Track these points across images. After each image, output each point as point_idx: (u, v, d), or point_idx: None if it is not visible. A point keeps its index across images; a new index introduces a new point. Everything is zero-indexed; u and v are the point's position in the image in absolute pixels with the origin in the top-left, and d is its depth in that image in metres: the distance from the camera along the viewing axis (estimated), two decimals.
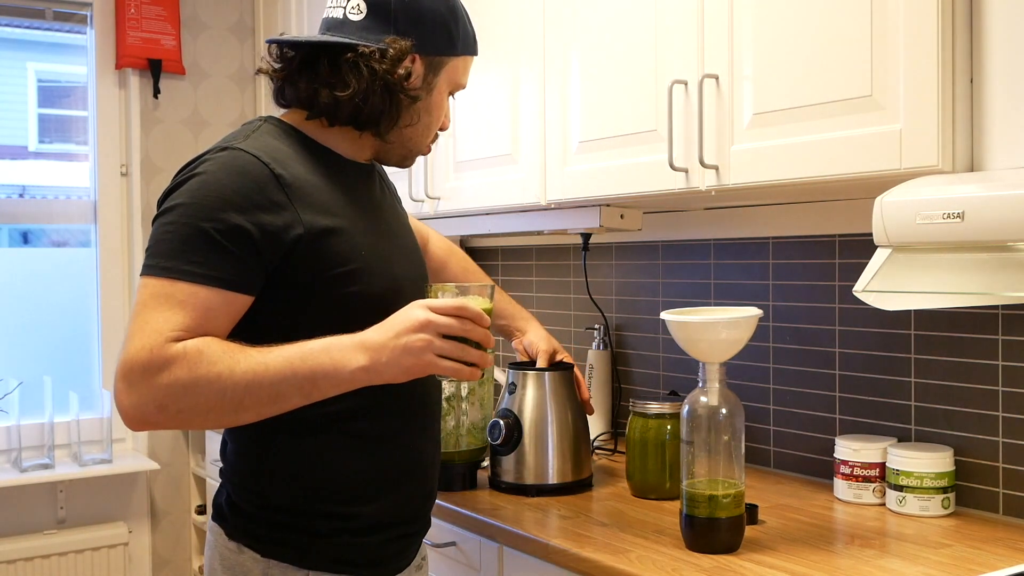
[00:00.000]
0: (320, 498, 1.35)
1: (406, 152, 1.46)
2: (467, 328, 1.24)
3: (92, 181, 3.08)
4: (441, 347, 1.22)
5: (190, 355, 1.17)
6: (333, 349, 1.21)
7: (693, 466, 1.54)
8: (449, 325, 1.22)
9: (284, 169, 1.29)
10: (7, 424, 2.88)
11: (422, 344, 1.21)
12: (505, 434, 1.94)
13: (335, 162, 1.40)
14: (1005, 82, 1.35)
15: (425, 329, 1.21)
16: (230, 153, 1.28)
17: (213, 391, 1.18)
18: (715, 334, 1.52)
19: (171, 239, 1.22)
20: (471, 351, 1.25)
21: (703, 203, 2.17)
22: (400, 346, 1.21)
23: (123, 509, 3.06)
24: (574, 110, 2.00)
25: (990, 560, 1.48)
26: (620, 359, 2.49)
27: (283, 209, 1.26)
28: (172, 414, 1.18)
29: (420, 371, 1.23)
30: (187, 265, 1.21)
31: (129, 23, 2.99)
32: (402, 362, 1.21)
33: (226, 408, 1.19)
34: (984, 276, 1.43)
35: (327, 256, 1.29)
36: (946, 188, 1.31)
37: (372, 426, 1.37)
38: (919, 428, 1.85)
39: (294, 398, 1.21)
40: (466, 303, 1.25)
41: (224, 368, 1.18)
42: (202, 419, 1.20)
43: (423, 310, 1.23)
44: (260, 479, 1.36)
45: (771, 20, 1.60)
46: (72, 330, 3.08)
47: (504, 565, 1.77)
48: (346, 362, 1.21)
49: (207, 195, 1.23)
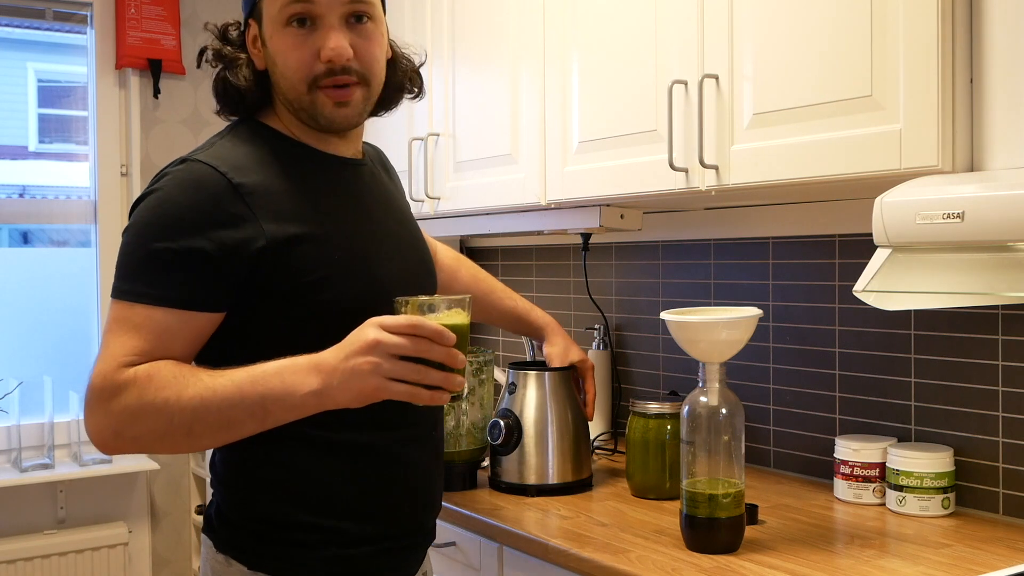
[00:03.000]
0: (305, 509, 1.31)
1: (299, 107, 1.31)
2: (422, 348, 1.13)
3: (92, 181, 3.08)
4: (391, 369, 1.13)
5: (139, 381, 1.15)
6: (286, 372, 1.16)
7: (693, 466, 1.54)
8: (398, 345, 1.13)
9: (245, 177, 1.24)
10: (7, 424, 2.88)
11: (369, 367, 1.13)
12: (505, 434, 1.94)
13: (313, 159, 1.35)
14: (1005, 82, 1.35)
15: (373, 351, 1.13)
16: (187, 167, 1.24)
17: (161, 418, 1.15)
18: (715, 334, 1.52)
19: (129, 261, 1.21)
20: (431, 373, 1.14)
21: (703, 203, 2.17)
22: (348, 369, 1.14)
23: (123, 509, 3.06)
24: (574, 110, 2.00)
25: (990, 560, 1.48)
26: (620, 359, 2.49)
27: (243, 221, 1.22)
28: (128, 440, 1.16)
29: (371, 395, 1.15)
30: (143, 287, 1.19)
31: (129, 23, 2.99)
32: (352, 386, 1.14)
33: (177, 435, 1.16)
34: (984, 276, 1.43)
35: (295, 265, 1.24)
36: (946, 188, 1.31)
37: (358, 436, 1.32)
38: (919, 428, 1.85)
39: (247, 424, 1.17)
40: (420, 321, 1.14)
41: (172, 394, 1.15)
42: (159, 445, 1.18)
43: (374, 329, 1.14)
44: (246, 489, 1.32)
45: (771, 20, 1.60)
46: (72, 330, 3.08)
47: (504, 565, 1.77)
48: (297, 386, 1.15)
49: (161, 215, 1.21)
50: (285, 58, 1.29)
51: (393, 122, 2.49)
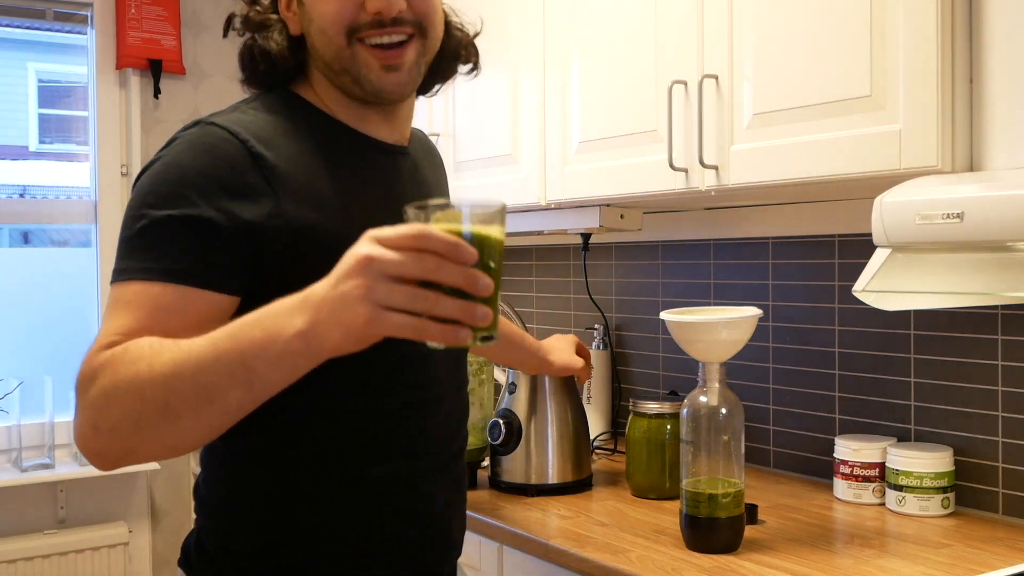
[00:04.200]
0: (295, 546, 1.12)
1: (339, 68, 1.13)
2: (427, 266, 0.81)
3: (92, 181, 3.08)
4: (387, 294, 0.82)
5: (116, 358, 0.94)
6: (268, 316, 0.89)
7: (693, 466, 1.54)
8: (395, 262, 0.82)
9: (267, 149, 1.07)
10: (7, 424, 2.88)
11: (359, 291, 0.83)
12: (505, 434, 1.94)
13: (348, 140, 1.17)
14: (1005, 82, 1.35)
15: (364, 271, 0.83)
16: (201, 129, 1.07)
17: (133, 397, 0.91)
18: (715, 334, 1.52)
19: (127, 236, 1.03)
20: (439, 301, 0.82)
21: (703, 203, 2.17)
22: (337, 297, 0.84)
23: (123, 509, 3.06)
24: (574, 110, 2.00)
25: (990, 560, 1.48)
26: (620, 359, 2.49)
27: (260, 195, 1.05)
28: (106, 434, 0.93)
29: (363, 330, 0.84)
30: (138, 262, 1.01)
31: (129, 23, 2.99)
32: (340, 318, 0.84)
33: (154, 417, 0.91)
34: (984, 276, 1.43)
35: (305, 259, 1.03)
36: (946, 188, 1.31)
37: (367, 464, 1.14)
38: (919, 428, 1.85)
39: (231, 391, 0.90)
40: (425, 229, 0.82)
41: (144, 366, 0.92)
42: (139, 436, 0.93)
43: (367, 242, 0.84)
44: (227, 518, 1.15)
45: (771, 20, 1.60)
46: (72, 330, 3.08)
47: (504, 565, 1.77)
48: (280, 330, 0.87)
49: (165, 180, 1.03)
50: (321, 10, 1.11)
51: None
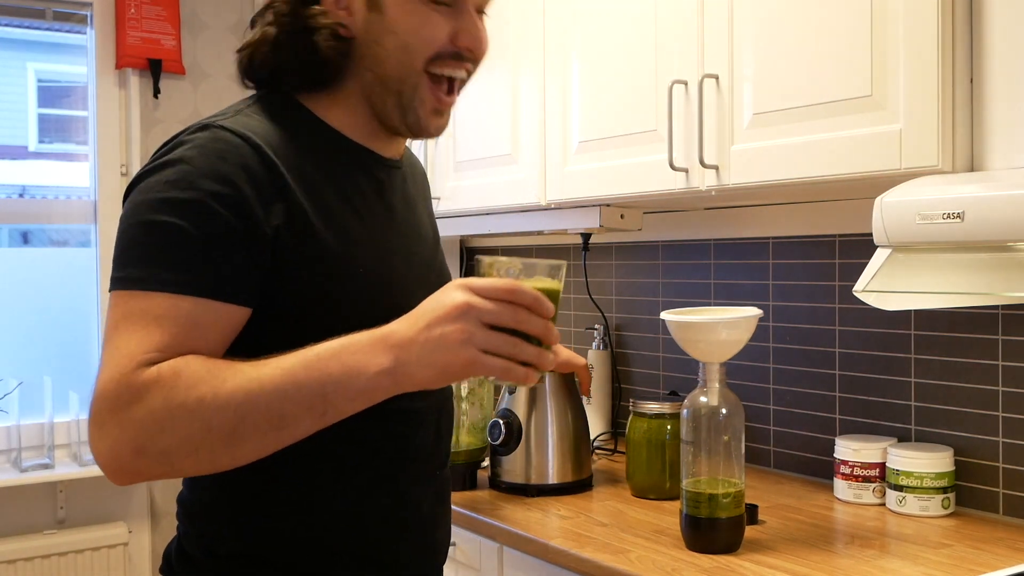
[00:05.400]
0: (282, 547, 1.11)
1: (397, 89, 1.13)
2: (520, 318, 0.94)
3: (92, 181, 3.08)
4: (486, 340, 0.93)
5: (165, 379, 0.93)
6: (346, 352, 0.95)
7: (693, 466, 1.54)
8: (496, 312, 0.93)
9: (277, 155, 1.06)
10: (7, 424, 2.88)
11: (460, 336, 0.92)
12: (505, 434, 1.94)
13: (349, 152, 1.17)
14: (1005, 82, 1.35)
15: (465, 317, 0.93)
16: (212, 133, 1.05)
17: (196, 423, 0.93)
18: (715, 334, 1.52)
19: (143, 242, 1.01)
20: (525, 347, 0.95)
21: (703, 203, 2.17)
22: (433, 339, 0.93)
23: (123, 509, 3.06)
24: (574, 110, 2.00)
25: (990, 560, 1.48)
26: (620, 359, 2.49)
27: (275, 203, 1.04)
28: (153, 457, 0.94)
29: (459, 371, 0.95)
30: (165, 272, 0.98)
31: (129, 23, 2.99)
32: (436, 359, 0.93)
33: (216, 443, 0.94)
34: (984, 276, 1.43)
35: (313, 266, 1.06)
36: (946, 188, 1.31)
37: (362, 469, 1.13)
38: (919, 428, 1.85)
39: (304, 420, 0.95)
40: (519, 285, 0.95)
41: (207, 391, 0.93)
42: (192, 460, 0.95)
43: (462, 291, 0.94)
44: (213, 521, 1.13)
45: (771, 20, 1.60)
46: (72, 330, 3.07)
47: (504, 565, 1.77)
48: (363, 366, 0.94)
49: (182, 184, 1.01)
50: (417, 28, 1.11)
51: None
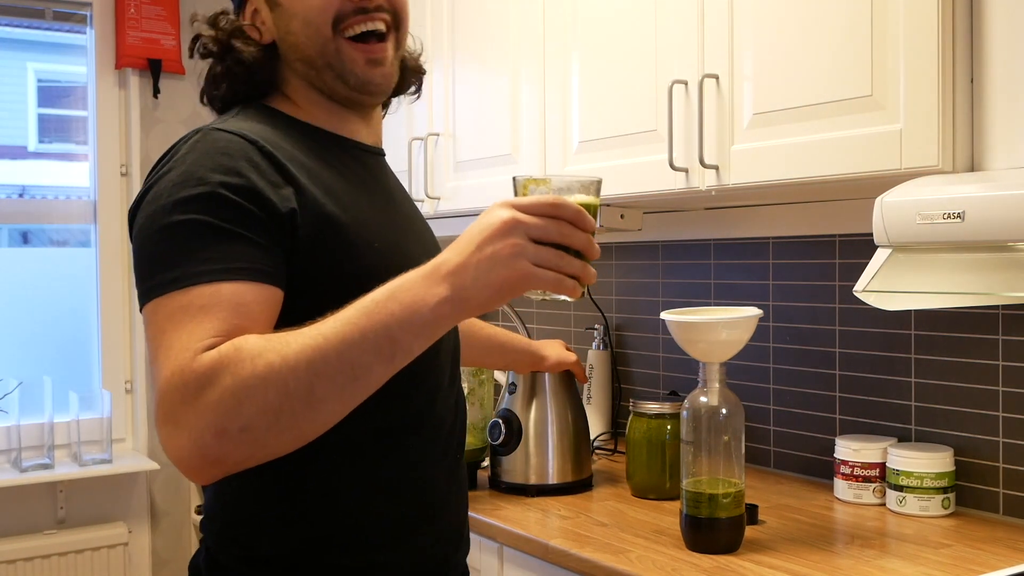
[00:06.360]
0: (319, 548, 1.12)
1: (323, 63, 1.18)
2: (565, 232, 0.95)
3: (92, 181, 3.08)
4: (536, 254, 0.94)
5: (228, 357, 0.93)
6: (401, 291, 0.95)
7: (693, 466, 1.54)
8: (543, 227, 0.94)
9: (273, 148, 1.10)
10: (7, 424, 2.88)
11: (512, 251, 0.93)
12: (505, 434, 1.94)
13: (335, 144, 1.22)
14: (1005, 82, 1.35)
15: (513, 232, 0.94)
16: (205, 135, 1.09)
17: (272, 389, 0.92)
18: (715, 334, 1.52)
19: (167, 246, 1.01)
20: (571, 260, 0.96)
21: (703, 203, 2.17)
22: (486, 258, 0.94)
23: (123, 509, 3.06)
24: (574, 110, 2.00)
25: (990, 560, 1.48)
26: (620, 359, 2.49)
27: (282, 187, 1.07)
28: (235, 436, 0.92)
29: (516, 285, 0.95)
30: (197, 265, 0.99)
31: (129, 23, 2.99)
32: (492, 278, 0.94)
33: (296, 406, 0.93)
34: (984, 276, 1.43)
35: (327, 245, 1.09)
36: (946, 188, 1.31)
37: (388, 454, 1.15)
38: (919, 428, 1.85)
39: (375, 366, 0.95)
40: (563, 200, 0.97)
41: (274, 357, 0.92)
42: (276, 431, 0.94)
43: (507, 209, 0.95)
44: (244, 525, 1.14)
45: (771, 20, 1.60)
46: (72, 330, 3.08)
47: (504, 565, 1.77)
48: (422, 300, 0.94)
49: (191, 182, 1.03)
50: (308, 4, 1.16)
51: (393, 122, 2.49)
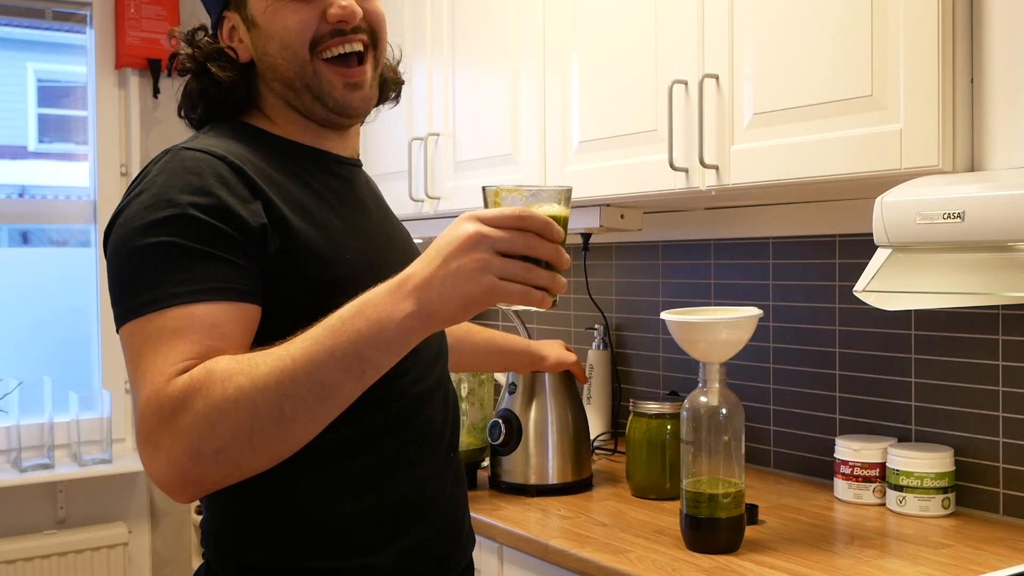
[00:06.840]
0: (309, 552, 1.11)
1: (301, 85, 1.18)
2: (531, 244, 0.94)
3: (92, 181, 3.08)
4: (502, 267, 0.93)
5: (199, 381, 0.94)
6: (368, 307, 0.95)
7: (693, 466, 1.54)
8: (508, 240, 0.94)
9: (243, 164, 1.09)
10: (7, 424, 2.88)
11: (477, 265, 0.93)
12: (505, 434, 1.94)
13: (310, 157, 1.21)
14: (1005, 82, 1.35)
15: (478, 246, 0.93)
16: (175, 155, 1.09)
17: (243, 411, 0.93)
18: (715, 334, 1.52)
19: (140, 269, 1.01)
20: (539, 272, 0.96)
21: (703, 203, 2.17)
22: (451, 273, 0.93)
23: (123, 509, 3.06)
24: (574, 110, 2.00)
25: (990, 560, 1.48)
26: (620, 359, 2.49)
27: (252, 203, 1.06)
28: (211, 458, 0.93)
29: (481, 300, 0.94)
30: (170, 287, 0.99)
31: (129, 23, 2.99)
32: (457, 293, 0.93)
33: (267, 427, 0.94)
34: (984, 276, 1.43)
35: (297, 260, 1.09)
36: (946, 188, 1.31)
37: (372, 457, 1.14)
38: (919, 428, 1.85)
39: (344, 384, 0.95)
40: (529, 211, 0.95)
41: (243, 379, 0.93)
42: (249, 452, 0.95)
43: (472, 222, 0.94)
44: (234, 537, 1.13)
45: (771, 20, 1.60)
46: (72, 330, 3.08)
47: (504, 565, 1.77)
48: (389, 316, 0.94)
49: (160, 204, 1.03)
50: (284, 24, 1.16)
51: (393, 122, 2.49)
